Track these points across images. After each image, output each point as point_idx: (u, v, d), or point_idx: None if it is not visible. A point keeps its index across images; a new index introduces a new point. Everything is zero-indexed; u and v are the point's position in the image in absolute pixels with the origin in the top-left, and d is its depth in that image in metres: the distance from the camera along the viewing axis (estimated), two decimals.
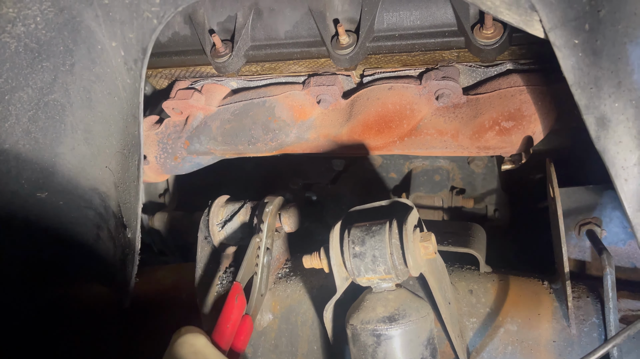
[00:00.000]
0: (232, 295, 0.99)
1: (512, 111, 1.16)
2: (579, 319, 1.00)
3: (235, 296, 0.99)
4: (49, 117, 1.01)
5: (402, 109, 1.23)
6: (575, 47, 0.71)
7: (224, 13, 1.22)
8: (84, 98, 1.00)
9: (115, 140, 1.05)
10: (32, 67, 0.94)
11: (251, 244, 1.07)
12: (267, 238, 1.08)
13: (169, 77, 1.44)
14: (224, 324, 0.95)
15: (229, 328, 0.95)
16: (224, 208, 1.26)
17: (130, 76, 0.96)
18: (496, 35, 1.06)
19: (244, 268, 1.04)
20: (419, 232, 0.87)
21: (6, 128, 0.99)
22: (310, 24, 1.16)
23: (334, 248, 0.88)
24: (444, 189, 1.52)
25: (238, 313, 0.99)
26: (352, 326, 0.88)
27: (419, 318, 0.86)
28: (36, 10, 0.89)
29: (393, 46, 1.15)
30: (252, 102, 1.35)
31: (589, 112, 0.73)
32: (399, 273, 0.86)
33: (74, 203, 1.08)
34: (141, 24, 0.87)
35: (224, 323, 0.95)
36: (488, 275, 1.12)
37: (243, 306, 1.01)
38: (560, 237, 0.98)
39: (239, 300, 0.99)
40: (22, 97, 0.98)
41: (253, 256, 1.07)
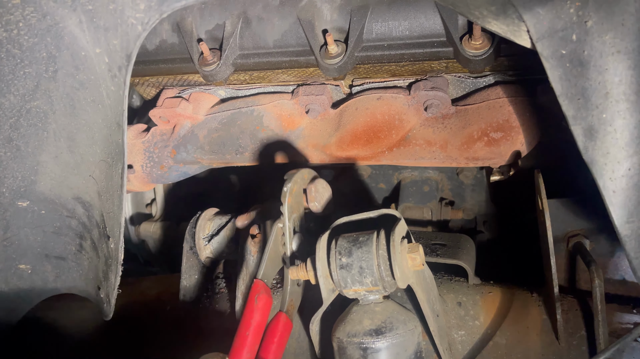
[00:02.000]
0: (252, 296, 0.86)
1: (501, 122, 1.16)
2: (568, 332, 1.00)
3: (255, 296, 0.87)
4: (31, 124, 0.99)
5: (390, 119, 1.22)
6: (562, 57, 0.71)
7: (212, 21, 1.21)
8: (67, 105, 0.98)
9: (99, 149, 1.03)
10: (14, 73, 0.92)
11: (273, 232, 0.93)
12: (290, 222, 0.93)
13: (156, 86, 1.42)
14: (242, 332, 0.84)
15: (249, 336, 0.84)
16: (211, 222, 1.24)
17: (114, 83, 0.94)
18: (485, 46, 1.06)
19: (265, 262, 0.91)
20: (407, 243, 0.86)
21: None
22: (299, 33, 1.16)
23: (321, 259, 0.87)
24: (433, 200, 1.51)
25: (262, 316, 0.87)
26: (339, 339, 0.86)
27: (407, 331, 0.85)
28: (19, 16, 0.87)
29: (382, 56, 1.15)
30: (240, 111, 1.34)
31: (576, 122, 0.72)
32: (386, 285, 0.84)
33: (57, 212, 1.05)
34: (125, 30, 0.86)
35: (243, 330, 0.84)
36: (477, 286, 1.12)
37: (268, 305, 0.89)
38: (549, 249, 0.98)
39: (260, 300, 0.87)
40: (4, 103, 0.96)
41: (277, 245, 0.93)
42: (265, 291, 0.89)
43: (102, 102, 0.98)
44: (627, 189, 0.72)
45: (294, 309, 0.94)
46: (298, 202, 0.96)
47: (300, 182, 0.97)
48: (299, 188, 0.97)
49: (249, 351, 0.85)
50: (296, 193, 0.96)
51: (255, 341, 0.86)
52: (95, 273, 1.12)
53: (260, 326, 0.87)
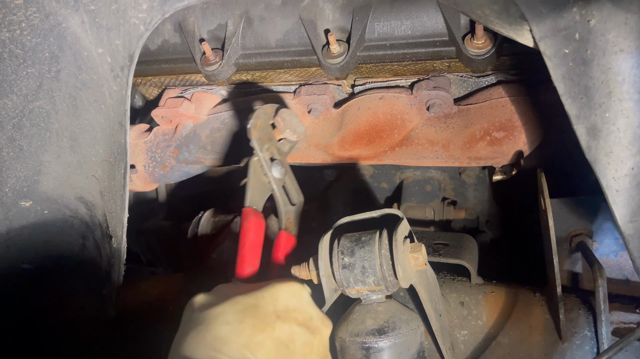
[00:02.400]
0: (242, 222, 0.94)
1: (503, 121, 1.16)
2: (571, 332, 0.99)
3: (245, 221, 0.94)
4: (34, 124, 0.99)
5: (393, 119, 1.22)
6: (565, 56, 0.71)
7: (214, 21, 1.21)
8: (70, 105, 0.98)
9: (101, 148, 1.04)
10: (17, 73, 0.93)
11: (250, 166, 1.00)
12: (263, 152, 1.01)
13: (158, 85, 1.43)
14: (240, 252, 0.92)
15: (246, 253, 0.92)
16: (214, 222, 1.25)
17: (116, 83, 0.94)
18: (487, 46, 1.06)
19: (249, 191, 0.98)
20: (409, 243, 0.85)
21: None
22: (301, 32, 1.16)
23: (323, 258, 0.87)
24: (435, 199, 1.51)
25: (255, 234, 0.94)
26: (341, 338, 0.86)
27: (409, 330, 0.85)
28: (21, 16, 0.88)
29: (384, 56, 1.15)
30: (243, 111, 1.34)
31: (579, 122, 0.72)
32: (388, 285, 0.84)
33: (59, 212, 1.06)
34: (128, 30, 0.86)
35: (241, 250, 0.92)
36: (479, 286, 1.11)
37: (259, 224, 0.96)
38: (552, 249, 0.98)
39: (250, 222, 0.94)
40: (7, 103, 0.96)
41: (258, 176, 1.01)
42: (255, 214, 0.96)
43: (105, 102, 0.98)
44: (630, 188, 0.71)
45: (294, 226, 1.02)
46: (267, 134, 1.04)
47: (264, 117, 1.04)
48: (263, 122, 1.04)
49: (249, 265, 0.92)
50: (262, 126, 1.03)
51: (253, 256, 0.94)
52: (98, 272, 1.13)
53: (255, 244, 0.95)
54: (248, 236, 0.94)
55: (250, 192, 0.98)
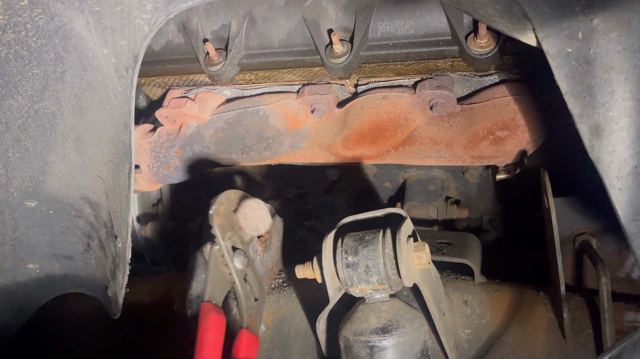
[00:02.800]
0: (201, 319, 0.86)
1: (507, 120, 1.16)
2: (575, 330, 1.00)
3: (204, 317, 0.86)
4: (39, 125, 0.99)
5: (396, 118, 1.22)
6: (568, 55, 0.71)
7: (217, 21, 1.21)
8: (75, 106, 0.98)
9: (106, 149, 1.04)
10: (23, 74, 0.93)
11: (210, 255, 0.94)
12: (225, 241, 0.94)
13: (162, 86, 1.43)
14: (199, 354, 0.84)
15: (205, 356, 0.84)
16: None
17: (121, 84, 0.94)
18: (490, 45, 1.06)
19: (209, 285, 0.91)
20: (413, 242, 0.86)
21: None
22: (304, 32, 1.16)
23: (327, 258, 0.87)
24: (439, 199, 1.51)
25: (215, 334, 0.86)
26: (345, 337, 0.86)
27: (413, 329, 0.85)
28: (27, 18, 0.88)
29: (387, 55, 1.15)
30: (246, 110, 1.34)
31: (582, 120, 0.72)
32: (392, 284, 0.84)
33: (64, 212, 1.06)
34: (132, 31, 0.87)
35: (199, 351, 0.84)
36: (483, 285, 1.11)
37: (219, 322, 0.88)
38: (555, 248, 0.98)
39: (209, 320, 0.86)
40: (12, 104, 0.96)
41: (219, 267, 0.93)
42: (215, 310, 0.89)
43: (110, 103, 0.98)
44: (633, 187, 0.71)
45: (256, 323, 0.94)
46: (230, 221, 0.97)
47: (227, 203, 0.98)
48: (226, 208, 0.97)
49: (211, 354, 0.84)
50: (225, 212, 0.96)
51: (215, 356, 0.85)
52: (103, 272, 1.13)
53: (215, 345, 0.86)
54: (208, 337, 0.86)
55: (210, 285, 0.91)
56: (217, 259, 0.93)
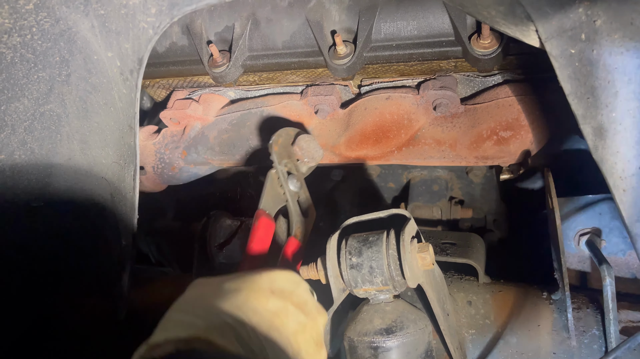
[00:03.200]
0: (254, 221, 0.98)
1: (510, 121, 1.16)
2: (579, 330, 0.99)
3: (257, 220, 0.98)
4: (45, 127, 1.00)
5: (399, 119, 1.22)
6: (571, 56, 0.71)
7: (221, 23, 1.22)
8: (80, 108, 0.99)
9: (111, 151, 1.05)
10: (28, 77, 0.94)
11: (267, 177, 1.05)
12: (281, 165, 1.06)
13: (166, 87, 1.44)
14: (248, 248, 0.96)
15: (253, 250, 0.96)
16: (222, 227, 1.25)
17: (126, 86, 0.95)
18: (493, 45, 1.06)
19: (264, 196, 1.02)
20: (417, 243, 0.86)
21: (2, 139, 0.99)
22: (307, 34, 1.16)
23: (331, 259, 0.88)
24: (443, 199, 1.51)
25: (264, 233, 0.98)
26: (349, 338, 0.87)
27: (417, 330, 0.85)
28: (32, 21, 0.89)
29: (390, 56, 1.15)
30: (250, 111, 1.35)
31: (586, 121, 0.72)
32: (396, 285, 0.85)
33: (70, 213, 1.07)
34: (137, 34, 0.87)
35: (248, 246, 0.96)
36: (487, 285, 1.12)
37: (269, 225, 1.00)
38: (560, 248, 0.98)
39: (260, 222, 0.98)
40: (18, 107, 0.97)
41: (274, 187, 1.05)
42: (265, 215, 1.00)
43: (114, 105, 0.99)
44: (637, 187, 0.71)
45: (304, 236, 1.06)
46: (287, 151, 1.10)
47: (286, 136, 1.10)
48: (285, 140, 1.10)
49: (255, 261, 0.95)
50: (282, 144, 1.09)
51: (260, 254, 0.97)
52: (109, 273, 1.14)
53: (262, 242, 0.98)
54: (257, 234, 0.97)
55: (265, 198, 1.02)
56: (273, 180, 1.05)
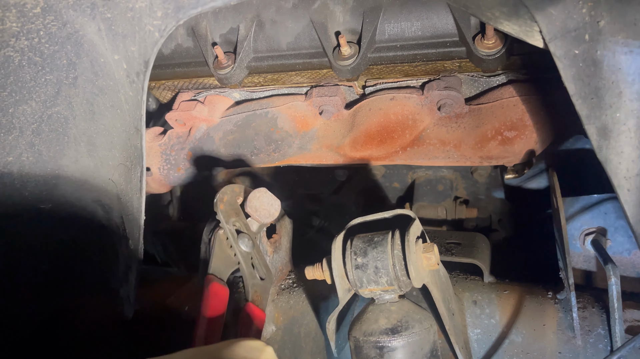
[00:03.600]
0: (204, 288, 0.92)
1: (515, 121, 1.16)
2: (585, 330, 1.00)
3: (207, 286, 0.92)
4: (52, 129, 1.01)
5: (404, 119, 1.23)
6: (575, 57, 0.71)
7: (226, 25, 1.22)
8: (87, 110, 1.00)
9: (118, 152, 1.06)
10: (36, 80, 0.95)
11: (215, 238, 1.00)
12: (230, 224, 1.00)
13: (172, 89, 1.45)
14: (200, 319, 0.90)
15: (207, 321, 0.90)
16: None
17: (132, 89, 0.96)
18: (497, 46, 1.06)
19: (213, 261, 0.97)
20: (422, 243, 0.86)
21: (10, 141, 1.00)
22: (312, 35, 1.17)
23: (336, 259, 0.88)
24: (448, 199, 1.52)
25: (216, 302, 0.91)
26: (355, 338, 0.87)
27: (422, 329, 0.86)
28: (39, 25, 0.90)
29: (395, 57, 1.16)
30: (255, 113, 1.35)
31: (590, 122, 0.72)
32: (401, 285, 0.85)
33: (77, 215, 1.08)
34: (143, 37, 0.88)
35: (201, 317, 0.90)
36: (492, 285, 1.12)
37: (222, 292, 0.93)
38: (564, 247, 0.98)
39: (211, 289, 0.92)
40: (26, 110, 0.98)
41: (223, 248, 1.00)
42: (217, 281, 0.96)
43: (121, 107, 1.00)
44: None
45: (263, 300, 1.00)
46: (235, 209, 1.04)
47: (231, 193, 1.05)
48: (230, 198, 1.04)
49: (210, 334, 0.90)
50: (229, 201, 1.04)
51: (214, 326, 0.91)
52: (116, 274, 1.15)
53: (216, 310, 0.92)
54: (209, 302, 0.91)
55: (214, 262, 0.96)
56: (221, 241, 1.00)
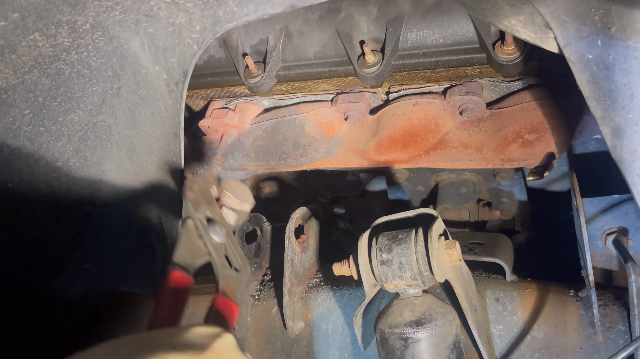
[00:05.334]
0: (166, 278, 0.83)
1: (535, 124, 1.19)
2: (605, 326, 1.02)
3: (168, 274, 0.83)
4: (97, 136, 1.08)
5: (427, 123, 1.27)
6: (589, 62, 0.75)
7: (256, 36, 1.29)
8: (129, 118, 1.07)
9: (157, 157, 1.13)
10: (84, 91, 1.03)
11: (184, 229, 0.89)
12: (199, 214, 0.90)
13: (204, 98, 1.52)
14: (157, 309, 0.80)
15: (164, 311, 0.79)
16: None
17: (171, 97, 1.03)
18: (516, 52, 1.10)
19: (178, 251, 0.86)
20: (444, 240, 0.91)
21: (59, 147, 1.08)
22: (337, 44, 1.23)
23: (362, 255, 0.93)
24: (471, 201, 1.55)
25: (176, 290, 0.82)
26: (381, 330, 0.92)
27: (445, 322, 0.90)
28: (88, 40, 0.98)
29: (417, 63, 1.20)
30: (283, 119, 1.41)
31: (604, 122, 0.76)
32: (424, 279, 0.89)
33: (118, 217, 1.15)
34: (182, 49, 0.95)
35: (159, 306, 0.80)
36: (515, 283, 1.15)
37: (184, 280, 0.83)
38: (585, 246, 1.01)
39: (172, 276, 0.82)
40: (74, 118, 1.06)
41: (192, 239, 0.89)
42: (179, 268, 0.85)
43: (160, 115, 1.07)
44: None
45: (235, 292, 0.89)
46: (207, 199, 0.94)
47: (203, 182, 0.95)
48: (202, 187, 0.94)
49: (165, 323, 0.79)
50: (200, 190, 0.93)
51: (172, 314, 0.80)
52: (153, 272, 1.22)
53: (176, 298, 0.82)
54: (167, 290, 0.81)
55: (180, 252, 0.86)
56: (189, 231, 0.89)
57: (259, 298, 1.28)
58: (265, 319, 1.25)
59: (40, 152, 1.06)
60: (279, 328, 1.22)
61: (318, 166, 1.43)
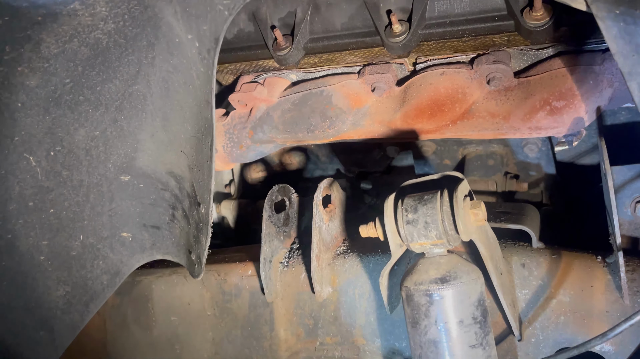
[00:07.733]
0: None
1: (563, 91, 1.19)
2: (633, 291, 1.02)
3: None
4: (133, 106, 1.13)
5: (454, 93, 1.28)
6: (616, 17, 0.75)
7: (284, 9, 1.32)
8: (163, 87, 1.11)
9: (189, 126, 1.16)
10: (120, 60, 1.07)
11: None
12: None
13: (234, 72, 1.55)
14: None
15: None
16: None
17: (203, 65, 1.06)
18: (545, 17, 1.10)
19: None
20: (469, 201, 0.92)
21: (97, 117, 1.12)
22: (364, 15, 1.24)
23: (389, 216, 0.95)
24: (498, 173, 1.55)
25: None
26: (407, 288, 0.94)
27: (470, 279, 0.92)
28: (124, 9, 1.02)
29: (444, 32, 1.21)
30: (311, 92, 1.44)
31: (632, 78, 0.76)
32: (450, 239, 0.91)
33: (153, 185, 1.19)
34: (214, 16, 0.98)
35: None
36: (541, 250, 1.15)
37: None
38: (613, 209, 1.01)
39: None
40: (111, 87, 1.10)
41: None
42: None
43: (193, 83, 1.11)
44: None
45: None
46: None
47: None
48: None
49: None
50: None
51: None
52: (187, 239, 1.26)
53: None
54: None
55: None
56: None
57: (287, 264, 1.31)
58: (294, 285, 1.29)
59: (80, 120, 1.11)
60: (307, 293, 1.26)
61: (345, 138, 1.45)
